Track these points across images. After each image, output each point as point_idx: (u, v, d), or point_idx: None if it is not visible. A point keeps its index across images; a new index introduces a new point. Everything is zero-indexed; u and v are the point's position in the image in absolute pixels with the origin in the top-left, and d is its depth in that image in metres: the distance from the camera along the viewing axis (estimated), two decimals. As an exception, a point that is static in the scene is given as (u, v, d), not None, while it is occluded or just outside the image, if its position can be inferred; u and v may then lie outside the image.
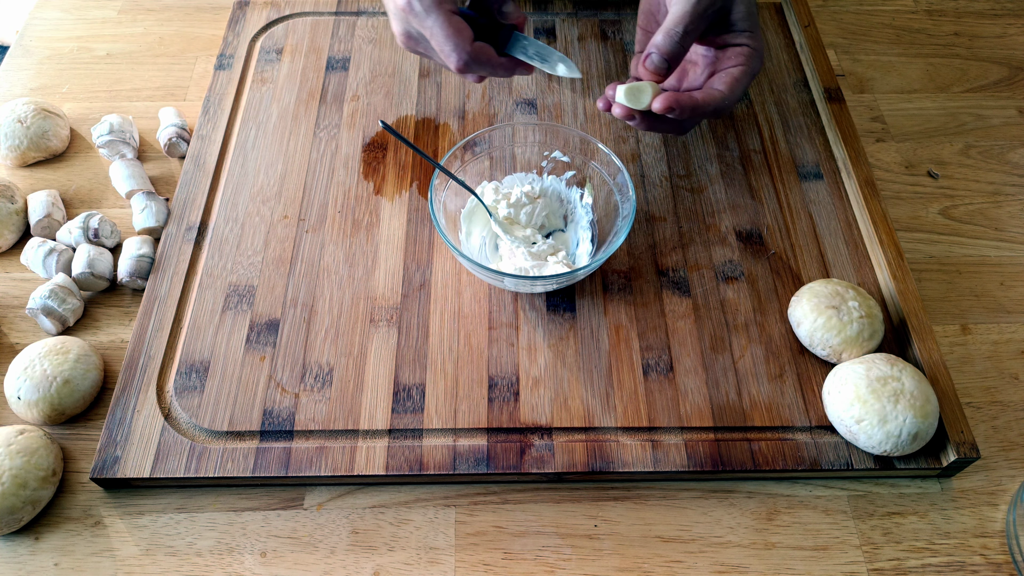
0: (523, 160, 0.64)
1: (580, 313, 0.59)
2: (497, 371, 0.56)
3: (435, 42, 0.54)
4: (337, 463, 0.52)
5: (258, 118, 0.70)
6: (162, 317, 0.58)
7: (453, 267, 0.61)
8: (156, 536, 0.51)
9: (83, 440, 0.55)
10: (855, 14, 0.84)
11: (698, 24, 0.55)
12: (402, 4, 0.54)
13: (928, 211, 0.68)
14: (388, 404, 0.54)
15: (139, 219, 0.63)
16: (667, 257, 0.62)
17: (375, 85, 0.73)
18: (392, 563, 0.50)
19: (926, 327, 0.58)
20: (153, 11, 0.82)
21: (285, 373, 0.55)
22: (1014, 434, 0.56)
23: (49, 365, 0.54)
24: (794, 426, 0.54)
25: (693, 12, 0.55)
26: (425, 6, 0.53)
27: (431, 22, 0.54)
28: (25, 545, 0.50)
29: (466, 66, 0.55)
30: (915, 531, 0.52)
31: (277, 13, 0.78)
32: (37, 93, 0.75)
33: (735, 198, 0.66)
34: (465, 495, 0.53)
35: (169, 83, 0.76)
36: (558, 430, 0.54)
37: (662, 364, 0.56)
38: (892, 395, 0.51)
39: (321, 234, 0.63)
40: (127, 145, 0.68)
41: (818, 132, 0.70)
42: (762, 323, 0.58)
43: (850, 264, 0.62)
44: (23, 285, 0.62)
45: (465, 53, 0.54)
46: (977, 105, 0.76)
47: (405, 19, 0.55)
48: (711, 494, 0.53)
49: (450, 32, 0.54)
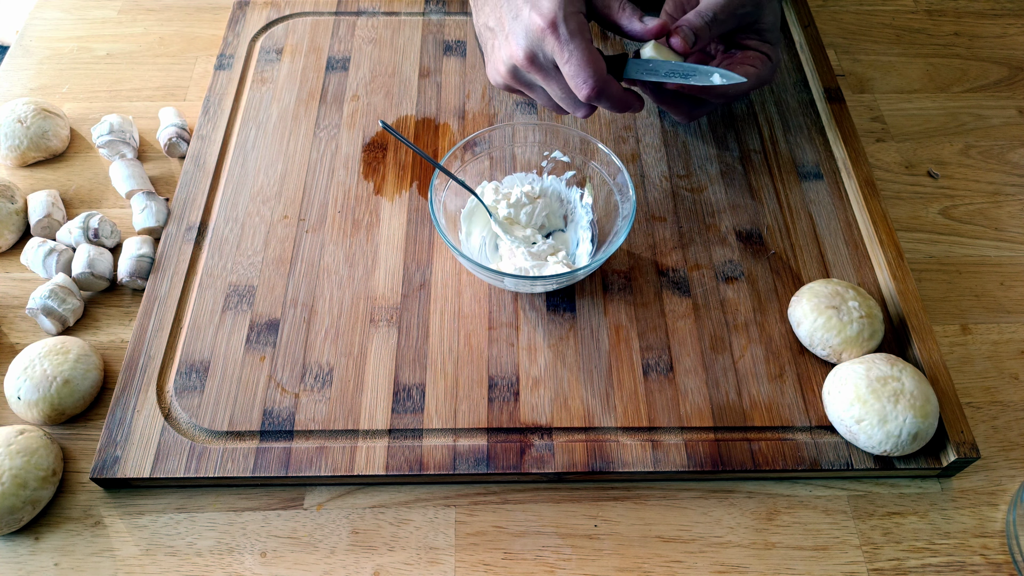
0: (523, 160, 0.64)
1: (580, 313, 0.59)
2: (497, 371, 0.56)
3: (569, 67, 0.53)
4: (337, 463, 0.52)
5: (258, 118, 0.70)
6: (162, 317, 0.58)
7: (453, 267, 0.61)
8: (156, 536, 0.51)
9: (83, 440, 0.55)
10: (855, 14, 0.84)
11: (728, 17, 0.57)
12: (542, 24, 0.52)
13: (928, 211, 0.68)
14: (388, 404, 0.54)
15: (139, 219, 0.63)
16: (667, 257, 0.62)
17: (375, 85, 0.73)
18: (392, 563, 0.50)
19: (926, 327, 0.58)
20: (153, 11, 0.82)
21: (285, 373, 0.55)
22: (1014, 434, 0.56)
23: (49, 365, 0.54)
24: (794, 426, 0.54)
25: (727, 5, 0.57)
26: (571, 29, 0.52)
27: (573, 47, 0.52)
28: (25, 545, 0.50)
29: (596, 97, 0.54)
30: (915, 531, 0.52)
31: (277, 13, 0.78)
32: (37, 93, 0.75)
33: (735, 198, 0.66)
34: (465, 495, 0.53)
35: (169, 83, 0.76)
36: (558, 430, 0.54)
37: (662, 364, 0.56)
38: (892, 395, 0.51)
39: (321, 234, 0.63)
40: (127, 145, 0.68)
41: (818, 132, 0.70)
42: (762, 323, 0.58)
43: (850, 264, 0.62)
44: (23, 285, 0.62)
45: (600, 83, 0.53)
46: (977, 105, 0.76)
47: (539, 41, 0.53)
48: (711, 494, 0.53)
49: (588, 60, 0.52)
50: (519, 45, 0.54)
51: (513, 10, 0.54)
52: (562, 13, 0.52)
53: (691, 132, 0.70)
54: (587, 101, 0.54)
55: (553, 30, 0.52)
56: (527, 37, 0.54)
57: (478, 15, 0.60)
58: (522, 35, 0.54)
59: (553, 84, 0.56)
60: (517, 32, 0.54)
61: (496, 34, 0.57)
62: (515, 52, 0.55)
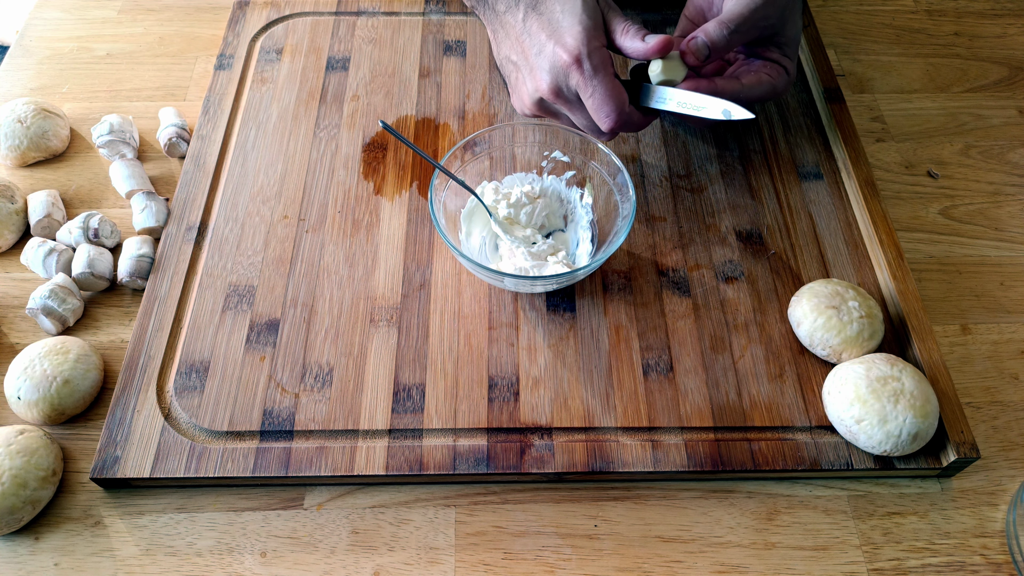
0: (523, 160, 0.64)
1: (580, 313, 0.59)
2: (497, 371, 0.56)
3: (593, 101, 0.54)
4: (337, 463, 0.52)
5: (258, 118, 0.70)
6: (162, 317, 0.58)
7: (453, 267, 0.61)
8: (156, 536, 0.51)
9: (83, 440, 0.55)
10: (855, 14, 0.84)
11: (749, 29, 0.57)
12: (568, 60, 0.53)
13: (928, 211, 0.68)
14: (388, 404, 0.54)
15: (139, 219, 0.63)
16: (667, 257, 0.62)
17: (375, 85, 0.73)
18: (392, 563, 0.50)
19: (926, 327, 0.58)
20: (153, 11, 0.82)
21: (285, 373, 0.55)
22: (1014, 434, 0.56)
23: (49, 365, 0.54)
24: (794, 426, 0.54)
25: (750, 16, 0.57)
26: (594, 65, 0.53)
27: (597, 82, 0.53)
28: (25, 545, 0.50)
29: (618, 127, 0.55)
30: (915, 531, 0.52)
31: (277, 13, 0.78)
32: (37, 93, 0.75)
33: (735, 198, 0.66)
34: (465, 495, 0.53)
35: (169, 83, 0.76)
36: (558, 430, 0.54)
37: (662, 364, 0.56)
38: (892, 395, 0.51)
39: (321, 234, 0.63)
40: (127, 145, 0.68)
41: (818, 132, 0.70)
42: (762, 323, 0.58)
43: (850, 264, 0.62)
44: (23, 285, 0.62)
45: (621, 117, 0.54)
46: (977, 105, 0.76)
47: (564, 76, 0.55)
48: (711, 494, 0.53)
49: (612, 95, 0.54)
50: (544, 80, 0.56)
51: (537, 45, 0.56)
52: (586, 49, 0.53)
53: (691, 132, 0.70)
54: (609, 132, 0.56)
55: (578, 65, 0.54)
56: (552, 72, 0.55)
57: (499, 48, 0.62)
58: (548, 69, 0.55)
59: (577, 114, 0.58)
60: (543, 66, 0.56)
61: (520, 68, 0.59)
62: (541, 85, 0.57)
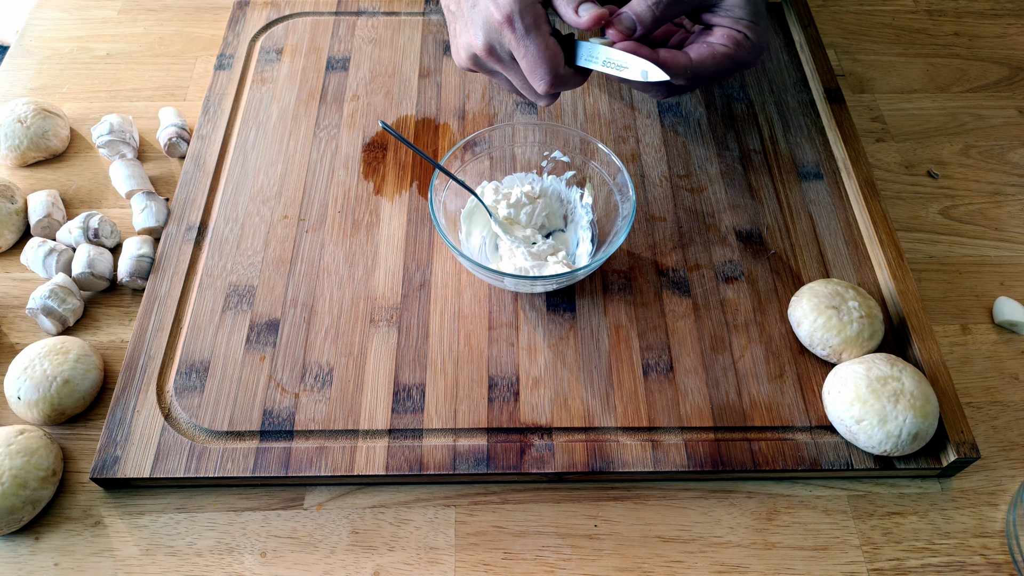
0: (523, 160, 0.64)
1: (580, 313, 0.59)
2: (497, 371, 0.56)
3: (526, 62, 0.53)
4: (337, 463, 0.52)
5: (258, 118, 0.70)
6: (162, 317, 0.58)
7: (453, 267, 0.61)
8: (156, 536, 0.51)
9: (83, 440, 0.55)
10: (855, 14, 0.84)
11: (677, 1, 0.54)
12: (500, 18, 0.52)
13: (928, 211, 0.68)
14: (388, 404, 0.54)
15: (139, 219, 0.63)
16: (667, 257, 0.62)
17: (375, 85, 0.73)
18: (392, 563, 0.50)
19: (926, 327, 0.58)
20: (153, 11, 0.82)
21: (285, 373, 0.55)
22: (1014, 434, 0.56)
23: (49, 365, 0.54)
24: (794, 426, 0.54)
25: None
26: (527, 25, 0.52)
27: (529, 41, 0.52)
28: (25, 545, 0.50)
29: (553, 89, 0.54)
30: (915, 531, 0.52)
31: (277, 13, 0.78)
32: (37, 93, 0.75)
33: (735, 198, 0.66)
34: (465, 495, 0.53)
35: (169, 83, 0.76)
36: (558, 430, 0.54)
37: (662, 364, 0.56)
38: (892, 395, 0.51)
39: (321, 234, 0.63)
40: (127, 145, 0.68)
41: (818, 132, 0.70)
42: (762, 323, 0.58)
43: (850, 264, 0.62)
44: (23, 285, 0.62)
45: (555, 79, 0.53)
46: (977, 105, 0.76)
47: (497, 34, 0.53)
48: (711, 494, 0.53)
49: (546, 56, 0.52)
50: (477, 36, 0.54)
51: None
52: (519, 7, 0.52)
53: (691, 132, 0.70)
54: (544, 94, 0.55)
55: (510, 24, 0.52)
56: (485, 29, 0.54)
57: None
58: (480, 26, 0.54)
59: (513, 74, 0.56)
60: (476, 22, 0.54)
61: (457, 18, 0.57)
62: (475, 42, 0.55)
